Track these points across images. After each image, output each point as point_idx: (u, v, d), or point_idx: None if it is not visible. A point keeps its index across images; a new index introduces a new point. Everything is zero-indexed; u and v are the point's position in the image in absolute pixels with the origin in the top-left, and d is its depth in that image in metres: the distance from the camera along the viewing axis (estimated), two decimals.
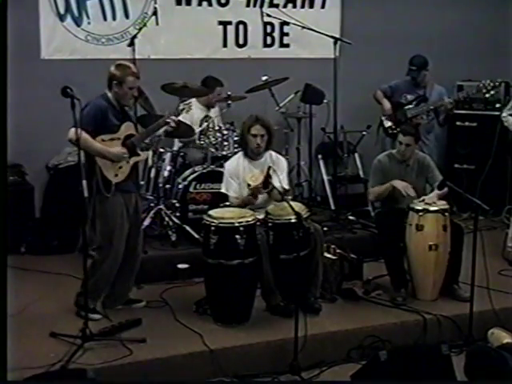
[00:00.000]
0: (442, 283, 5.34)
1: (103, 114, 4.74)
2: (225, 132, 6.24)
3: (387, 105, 6.85)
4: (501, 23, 8.14)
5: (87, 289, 4.73)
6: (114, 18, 6.77)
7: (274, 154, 5.46)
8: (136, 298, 5.21)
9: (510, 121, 6.26)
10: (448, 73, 7.38)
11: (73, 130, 4.60)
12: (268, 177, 5.05)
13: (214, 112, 6.66)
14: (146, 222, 6.00)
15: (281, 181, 5.18)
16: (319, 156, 7.36)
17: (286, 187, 5.32)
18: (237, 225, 4.80)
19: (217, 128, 6.28)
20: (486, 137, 7.25)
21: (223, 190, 5.35)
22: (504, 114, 6.33)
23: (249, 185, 5.12)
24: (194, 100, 6.60)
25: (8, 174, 6.00)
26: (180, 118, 6.23)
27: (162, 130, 5.15)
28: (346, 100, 6.96)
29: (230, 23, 7.19)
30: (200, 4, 7.05)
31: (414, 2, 7.73)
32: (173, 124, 5.01)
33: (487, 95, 6.52)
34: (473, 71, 7.49)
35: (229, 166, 5.41)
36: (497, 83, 6.47)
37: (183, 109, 5.20)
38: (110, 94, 4.85)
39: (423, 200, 5.35)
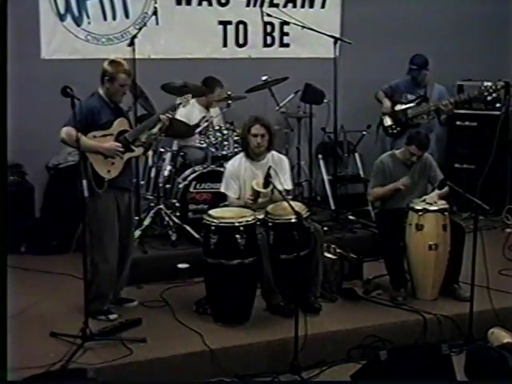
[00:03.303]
0: (441, 283, 5.35)
1: (94, 114, 4.68)
2: (225, 132, 6.23)
3: (387, 103, 6.84)
4: (501, 23, 8.13)
5: (93, 294, 4.75)
6: (114, 18, 6.77)
7: (275, 154, 5.45)
8: (128, 298, 5.18)
9: None
10: (448, 72, 7.37)
11: (64, 129, 4.61)
12: (268, 176, 5.05)
13: (214, 112, 6.65)
14: (146, 222, 6.01)
15: (282, 182, 5.19)
16: (319, 156, 7.36)
17: (289, 187, 5.31)
18: (237, 225, 4.79)
19: (217, 128, 6.28)
20: (485, 137, 7.25)
21: (222, 190, 5.35)
22: None
23: (253, 189, 5.13)
24: (193, 101, 6.60)
25: (8, 174, 6.00)
26: (177, 117, 6.23)
27: (156, 128, 5.05)
28: (346, 100, 6.96)
29: (230, 23, 7.19)
30: (200, 4, 7.04)
31: (414, 2, 7.74)
32: (166, 122, 4.99)
33: (489, 98, 6.47)
34: (473, 71, 7.49)
35: (230, 166, 5.41)
36: (498, 86, 6.43)
37: (180, 103, 5.11)
38: (101, 91, 4.80)
39: (424, 200, 5.35)
